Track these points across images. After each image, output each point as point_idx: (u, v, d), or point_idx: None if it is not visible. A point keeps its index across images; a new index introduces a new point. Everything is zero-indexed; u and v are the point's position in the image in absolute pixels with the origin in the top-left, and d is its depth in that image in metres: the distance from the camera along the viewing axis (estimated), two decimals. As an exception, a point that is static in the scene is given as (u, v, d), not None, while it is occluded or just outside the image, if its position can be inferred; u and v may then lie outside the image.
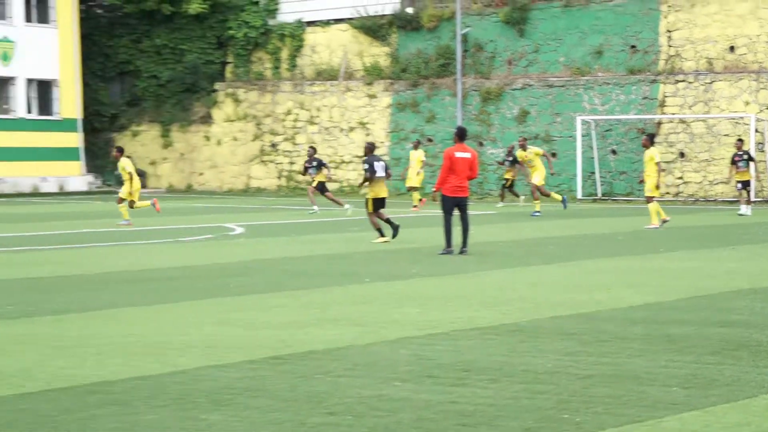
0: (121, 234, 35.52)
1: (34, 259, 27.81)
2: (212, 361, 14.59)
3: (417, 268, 25.59)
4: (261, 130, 65.48)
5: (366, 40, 63.65)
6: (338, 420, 11.48)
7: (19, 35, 63.84)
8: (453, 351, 15.35)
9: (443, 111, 60.79)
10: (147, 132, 69.00)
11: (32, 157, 64.02)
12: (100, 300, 20.35)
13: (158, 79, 68.49)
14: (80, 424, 11.37)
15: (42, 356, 14.93)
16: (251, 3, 66.32)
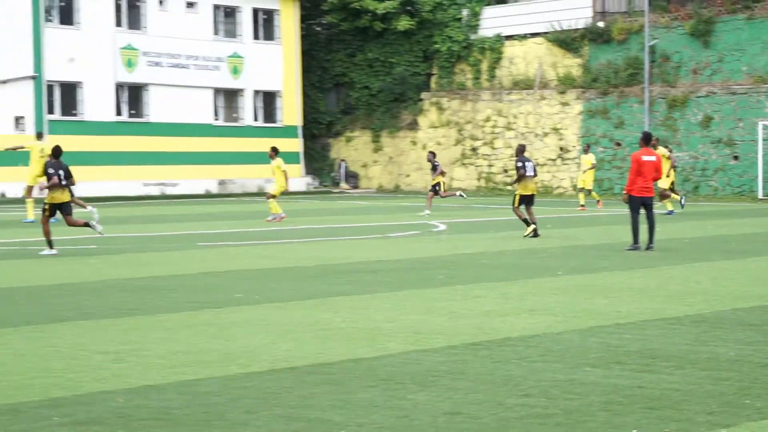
0: (337, 229, 35.80)
1: (258, 253, 28.15)
2: (417, 346, 14.65)
3: (606, 263, 25.42)
4: (462, 136, 65.54)
5: (560, 52, 63.37)
6: (533, 402, 11.46)
7: (248, 51, 64.77)
8: (640, 339, 15.21)
9: (631, 117, 60.28)
10: (359, 137, 69.49)
11: (258, 160, 64.79)
12: (317, 289, 20.54)
13: (370, 89, 68.93)
14: (300, 400, 11.51)
15: (267, 340, 15.12)
16: (455, 20, 66.42)
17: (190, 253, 27.83)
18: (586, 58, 62.77)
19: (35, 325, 16.33)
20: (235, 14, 64.84)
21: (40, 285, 21.22)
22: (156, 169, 60.47)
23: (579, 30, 62.63)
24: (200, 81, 62.84)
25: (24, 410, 11.09)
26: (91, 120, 58.67)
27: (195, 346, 14.61)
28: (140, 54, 60.30)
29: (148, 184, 60.32)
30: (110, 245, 30.07)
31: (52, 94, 57.66)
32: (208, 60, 63.09)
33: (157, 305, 18.45)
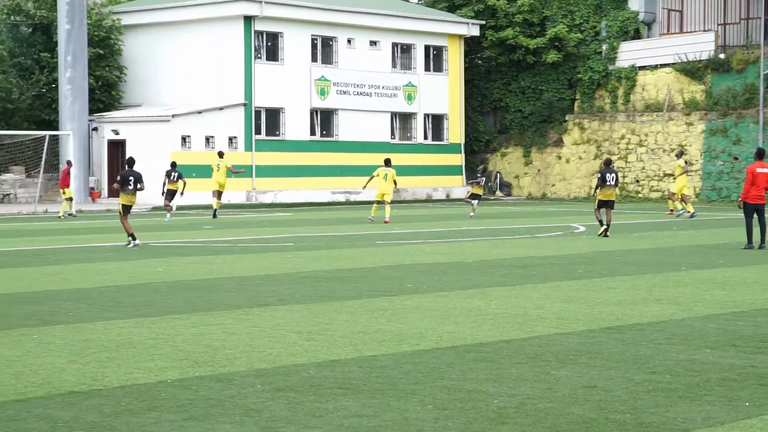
0: (492, 230, 35.71)
1: (427, 250, 28.17)
2: (560, 330, 14.59)
3: (723, 260, 25.00)
4: (600, 151, 64.90)
5: (686, 80, 62.45)
6: (659, 378, 11.34)
7: (420, 81, 64.93)
8: (753, 326, 14.96)
9: (747, 135, 59.16)
10: (512, 153, 69.21)
11: (426, 172, 65.03)
12: (476, 281, 20.53)
13: (522, 112, 68.63)
14: (460, 374, 11.54)
15: (433, 323, 15.17)
16: (596, 53, 65.84)
17: (370, 250, 28.00)
18: (709, 84, 61.79)
19: (243, 309, 16.59)
20: (410, 50, 65.04)
21: (248, 276, 21.54)
22: (342, 180, 60.91)
23: (702, 61, 61.70)
24: (380, 106, 63.16)
25: (234, 379, 11.30)
26: (290, 139, 59.32)
27: (373, 327, 14.71)
28: (331, 84, 60.81)
29: (335, 192, 60.80)
30: (304, 243, 30.39)
31: (259, 118, 58.41)
32: (387, 89, 63.38)
33: (342, 293, 18.61)
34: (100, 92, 59.31)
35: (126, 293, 18.60)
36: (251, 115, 57.87)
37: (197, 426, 9.35)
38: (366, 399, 10.32)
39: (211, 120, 56.74)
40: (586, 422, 9.45)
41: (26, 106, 58.00)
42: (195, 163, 55.21)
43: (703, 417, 9.64)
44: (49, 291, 18.94)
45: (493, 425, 9.36)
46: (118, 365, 12.04)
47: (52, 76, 58.01)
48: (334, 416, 9.67)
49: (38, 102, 58.76)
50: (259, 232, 35.38)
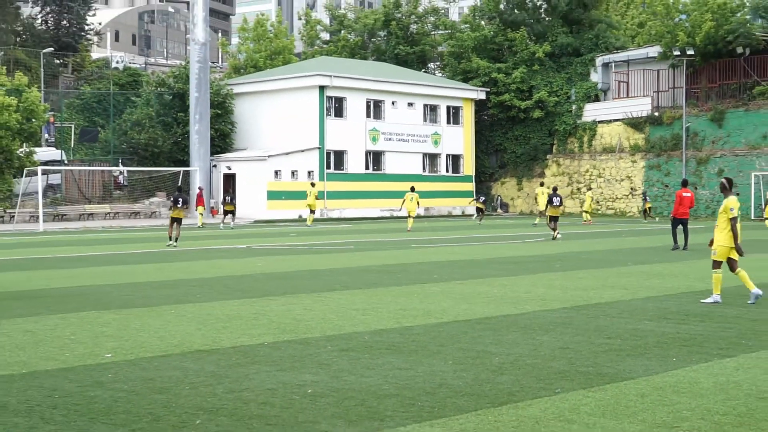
0: (495, 237, 35.54)
1: (449, 251, 28.04)
2: (543, 307, 14.52)
3: (658, 258, 24.75)
4: (572, 181, 64.49)
5: (631, 131, 61.97)
6: (612, 342, 11.27)
7: (443, 131, 64.80)
8: (679, 304, 14.83)
9: (674, 169, 58.59)
10: (508, 182, 68.87)
11: (447, 195, 64.87)
12: (482, 272, 20.44)
13: (516, 153, 68.30)
14: (471, 339, 11.50)
15: (451, 303, 15.12)
16: (568, 111, 65.52)
17: (406, 251, 27.95)
18: (647, 134, 61.29)
19: (317, 293, 16.61)
20: (436, 109, 64.92)
21: (320, 269, 21.57)
22: (387, 201, 60.84)
23: (643, 117, 61.28)
24: (415, 149, 63.06)
25: (311, 342, 11.32)
26: (351, 172, 59.35)
27: (409, 306, 14.70)
28: (380, 133, 60.84)
29: (383, 210, 60.72)
30: (360, 246, 30.36)
31: (329, 158, 58.51)
32: (419, 136, 63.28)
33: (388, 281, 18.59)
34: (218, 140, 59.64)
35: (236, 281, 18.68)
36: (323, 155, 58.01)
37: (286, 375, 9.39)
38: (405, 357, 10.33)
39: (295, 159, 56.97)
40: (561, 373, 9.41)
41: (167, 150, 58.56)
42: (284, 189, 55.51)
43: (644, 369, 9.58)
44: (181, 280, 19.05)
45: (495, 375, 9.34)
46: (230, 332, 12.10)
47: (185, 129, 58.44)
48: (382, 368, 9.68)
49: (175, 147, 59.22)
50: (329, 238, 35.42)
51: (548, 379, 9.14)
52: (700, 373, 9.42)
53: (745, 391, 8.60)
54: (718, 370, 9.56)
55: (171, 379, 9.20)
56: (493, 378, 9.22)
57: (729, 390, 8.67)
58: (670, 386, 8.84)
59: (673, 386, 8.84)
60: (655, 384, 8.93)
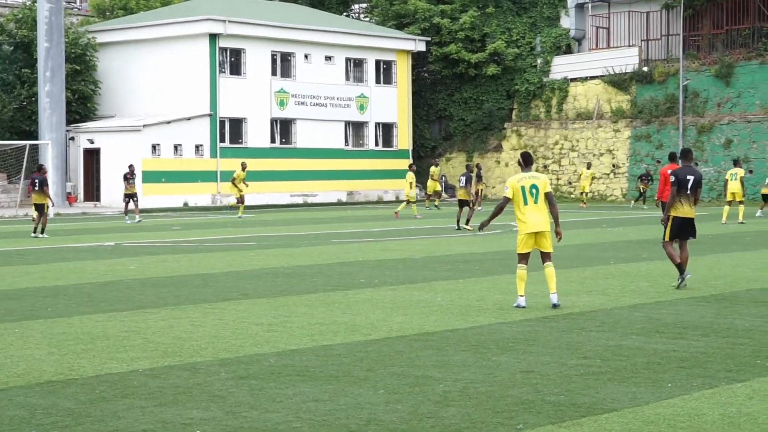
0: (438, 229, 35.74)
1: (378, 247, 28.20)
2: (500, 319, 14.60)
3: (646, 254, 25.14)
4: (536, 156, 65.14)
5: (613, 91, 62.81)
6: (590, 362, 11.37)
7: (371, 93, 64.89)
8: (674, 314, 15.04)
9: (668, 140, 59.53)
10: (456, 158, 69.29)
11: (378, 176, 65.04)
12: (423, 275, 20.51)
13: (465, 121, 68.76)
14: (409, 361, 11.52)
15: (383, 314, 15.14)
16: (531, 66, 66.10)
17: (326, 248, 27.96)
18: (634, 95, 62.17)
19: (209, 303, 16.50)
20: (362, 65, 65.00)
21: (213, 272, 21.43)
22: (300, 183, 60.83)
23: (628, 73, 62.13)
24: (335, 116, 63.09)
25: (200, 367, 11.23)
26: (252, 147, 59.11)
27: (328, 319, 14.67)
28: (290, 96, 60.67)
29: (294, 195, 60.65)
30: (265, 242, 30.30)
31: (223, 128, 58.20)
32: (341, 100, 63.32)
33: (300, 288, 18.56)
34: (76, 105, 58.91)
35: (100, 290, 18.45)
36: (216, 124, 57.71)
37: (166, 411, 9.28)
38: (322, 385, 10.28)
39: (179, 129, 56.55)
40: (524, 404, 9.45)
41: (8, 118, 57.65)
42: (164, 169, 55.05)
43: (630, 398, 9.67)
44: (29, 288, 18.76)
45: (439, 408, 9.34)
46: (93, 356, 11.94)
47: (32, 90, 57.56)
48: (293, 401, 9.63)
49: (19, 114, 58.36)
50: (223, 232, 35.23)
51: (507, 412, 9.16)
52: (702, 402, 9.53)
53: (762, 427, 8.71)
54: (726, 398, 9.69)
55: (12, 421, 9.02)
56: (436, 411, 9.22)
57: (741, 424, 8.78)
58: (665, 419, 8.93)
59: (669, 420, 8.92)
60: (646, 417, 9.01)
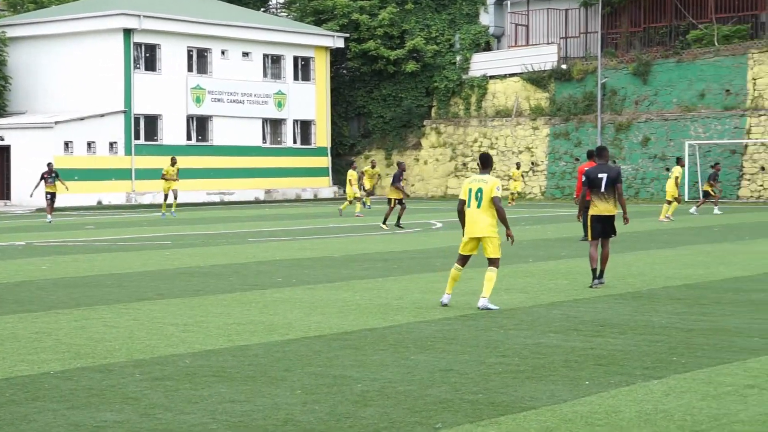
0: (356, 227, 35.79)
1: (295, 246, 28.14)
2: (419, 318, 14.65)
3: (565, 252, 25.38)
4: (455, 153, 65.44)
5: (531, 88, 63.27)
6: (508, 360, 11.45)
7: (289, 89, 64.70)
8: (593, 311, 15.21)
9: (587, 138, 60.11)
10: (375, 155, 69.26)
11: (296, 174, 64.89)
12: (341, 274, 20.53)
13: (383, 118, 68.84)
14: (326, 361, 11.51)
15: (301, 314, 15.12)
16: (450, 63, 66.35)
17: (243, 247, 27.84)
18: (552, 92, 62.70)
19: (123, 303, 16.35)
20: (280, 61, 64.79)
21: (127, 272, 21.25)
22: (217, 181, 60.50)
23: (547, 71, 62.59)
24: (252, 113, 62.81)
25: (113, 369, 11.12)
26: (168, 144, 58.62)
27: (245, 319, 14.62)
28: (206, 92, 60.32)
29: (210, 193, 60.30)
30: (181, 241, 30.09)
31: (138, 125, 57.67)
32: (258, 96, 63.05)
33: (217, 287, 18.47)
34: (-16, 101, 58.04)
35: (11, 290, 18.19)
36: (131, 121, 57.16)
37: (79, 414, 9.18)
38: (239, 386, 10.24)
39: (92, 126, 55.93)
40: (443, 403, 9.49)
41: None
42: (77, 167, 54.41)
43: (548, 396, 9.75)
44: (-64, 289, 18.45)
45: (357, 408, 9.35)
46: (2, 358, 11.76)
47: (-63, 85, 56.57)
48: (209, 402, 9.57)
49: (-76, 110, 57.33)
50: (138, 231, 34.93)
51: (426, 411, 9.19)
52: (620, 399, 9.65)
53: (677, 423, 8.84)
54: (642, 395, 9.81)
55: None
56: (354, 411, 9.22)
57: (657, 421, 8.90)
58: (583, 417, 9.02)
59: (586, 417, 9.01)
60: (563, 414, 9.09)
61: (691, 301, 16.21)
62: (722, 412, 9.06)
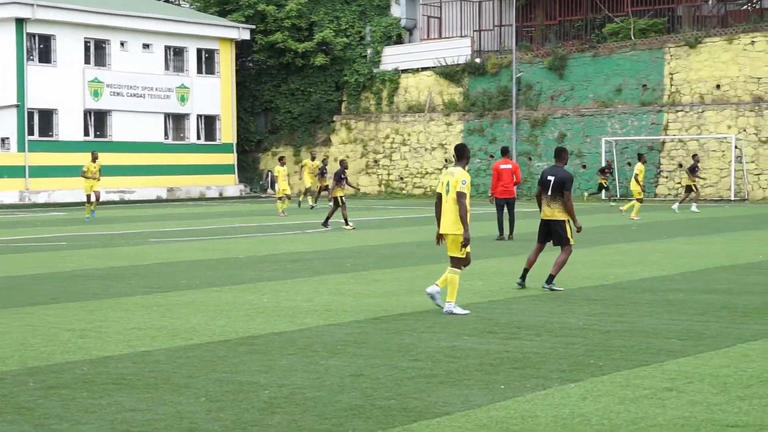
0: (264, 227, 35.69)
1: (199, 247, 28.00)
2: (329, 321, 14.63)
3: (481, 252, 25.47)
4: (366, 150, 65.51)
5: (445, 83, 63.56)
6: (421, 365, 11.48)
7: (193, 83, 64.26)
8: (508, 313, 15.31)
9: (501, 134, 60.55)
10: (283, 152, 69.09)
11: (200, 171, 64.48)
12: (247, 276, 20.46)
13: (292, 113, 68.69)
14: (232, 367, 11.45)
15: (206, 318, 15.03)
16: (361, 56, 66.38)
17: (144, 248, 27.60)
18: (466, 87, 63.02)
19: (15, 308, 16.11)
20: (182, 53, 64.34)
21: (20, 275, 20.95)
22: (116, 179, 59.81)
23: (460, 65, 62.89)
24: (153, 107, 62.28)
25: (5, 377, 10.95)
26: (64, 140, 57.93)
27: (147, 324, 14.49)
28: (105, 86, 59.67)
29: (109, 191, 59.60)
30: (78, 242, 29.74)
31: (32, 119, 56.91)
32: (160, 90, 62.54)
33: (117, 290, 18.29)
34: None
35: None
36: (24, 116, 56.34)
37: (-32, 426, 9.02)
38: (140, 394, 10.14)
39: (-17, 121, 55.06)
40: (354, 409, 9.48)
41: None
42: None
43: (462, 400, 9.79)
44: None
45: (264, 415, 9.30)
46: None
47: None
48: (108, 411, 9.46)
49: None
50: (32, 231, 34.46)
51: (336, 418, 9.18)
52: (536, 404, 9.71)
53: (595, 427, 8.92)
54: (559, 399, 9.89)
55: None
56: (261, 419, 9.18)
57: (574, 426, 8.97)
58: (498, 422, 9.06)
59: (502, 422, 9.06)
60: (478, 420, 9.13)
61: (608, 301, 16.40)
62: (640, 416, 9.16)
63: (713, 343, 12.64)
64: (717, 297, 16.87)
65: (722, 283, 18.82)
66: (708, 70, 55.77)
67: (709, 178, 53.97)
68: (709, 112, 55.21)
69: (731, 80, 55.10)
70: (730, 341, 12.80)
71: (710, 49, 55.76)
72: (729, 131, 54.25)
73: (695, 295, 17.07)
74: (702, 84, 55.88)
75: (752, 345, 12.55)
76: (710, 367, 11.22)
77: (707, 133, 55.04)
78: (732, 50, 55.17)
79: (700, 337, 13.13)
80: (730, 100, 55.01)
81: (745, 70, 54.77)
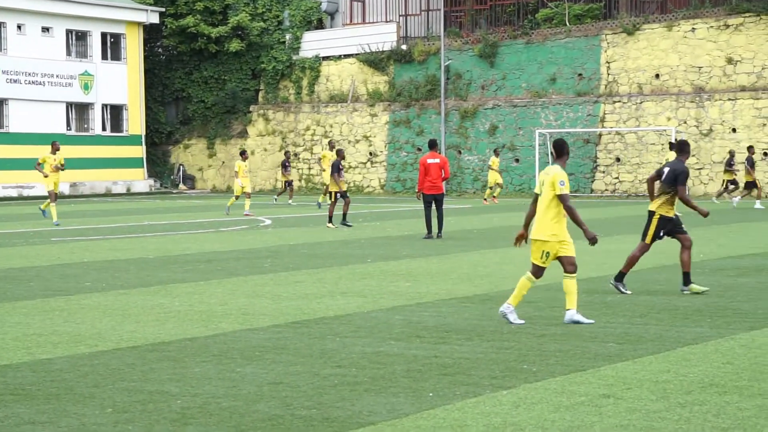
0: (175, 225, 35.51)
1: (106, 246, 27.79)
2: (246, 326, 14.61)
3: (407, 251, 25.60)
4: (285, 143, 65.41)
5: (369, 71, 63.66)
6: (345, 372, 11.49)
7: (97, 70, 63.78)
8: (436, 316, 15.36)
9: (429, 126, 60.79)
10: (196, 145, 68.93)
11: (106, 165, 64.04)
12: (158, 277, 20.35)
13: (205, 103, 68.45)
14: (141, 375, 11.39)
15: (113, 322, 14.94)
16: (279, 42, 66.31)
17: (45, 248, 27.34)
18: (392, 75, 63.17)
19: None
20: (86, 38, 63.84)
21: None
22: (14, 173, 59.25)
23: (385, 52, 63.03)
24: (54, 96, 61.74)
25: None
26: (-44, 131, 57.39)
27: (48, 329, 14.36)
28: (0, 73, 59.06)
29: (6, 187, 59.04)
30: (-26, 241, 29.40)
31: None
32: (61, 77, 62.02)
33: (15, 293, 18.10)
34: None
35: None
36: None
37: None
38: (40, 405, 10.04)
39: None
40: (272, 419, 9.47)
41: None
42: None
43: (388, 409, 9.81)
44: None
45: (176, 426, 9.26)
46: None
47: None
48: (5, 424, 9.36)
49: None
50: (-77, 230, 34.03)
51: (253, 429, 9.17)
52: (466, 412, 9.76)
53: (526, 434, 9.01)
54: (491, 407, 9.94)
55: None
56: (173, 430, 9.15)
57: (504, 433, 9.05)
58: None
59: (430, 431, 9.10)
60: (405, 429, 9.16)
61: (542, 303, 16.52)
62: (576, 425, 9.24)
63: (652, 347, 12.79)
64: (656, 298, 17.08)
65: (662, 283, 19.06)
66: (647, 59, 56.39)
67: (648, 173, 54.57)
68: (648, 103, 55.83)
69: (671, 69, 55.76)
70: (670, 345, 12.95)
71: (649, 37, 56.39)
72: (669, 123, 54.89)
73: (633, 297, 17.26)
74: (640, 73, 56.50)
75: (693, 348, 12.71)
76: (649, 372, 11.35)
77: (646, 125, 55.66)
78: (672, 38, 55.84)
79: (638, 340, 13.27)
80: (669, 90, 55.67)
81: (685, 58, 55.45)
